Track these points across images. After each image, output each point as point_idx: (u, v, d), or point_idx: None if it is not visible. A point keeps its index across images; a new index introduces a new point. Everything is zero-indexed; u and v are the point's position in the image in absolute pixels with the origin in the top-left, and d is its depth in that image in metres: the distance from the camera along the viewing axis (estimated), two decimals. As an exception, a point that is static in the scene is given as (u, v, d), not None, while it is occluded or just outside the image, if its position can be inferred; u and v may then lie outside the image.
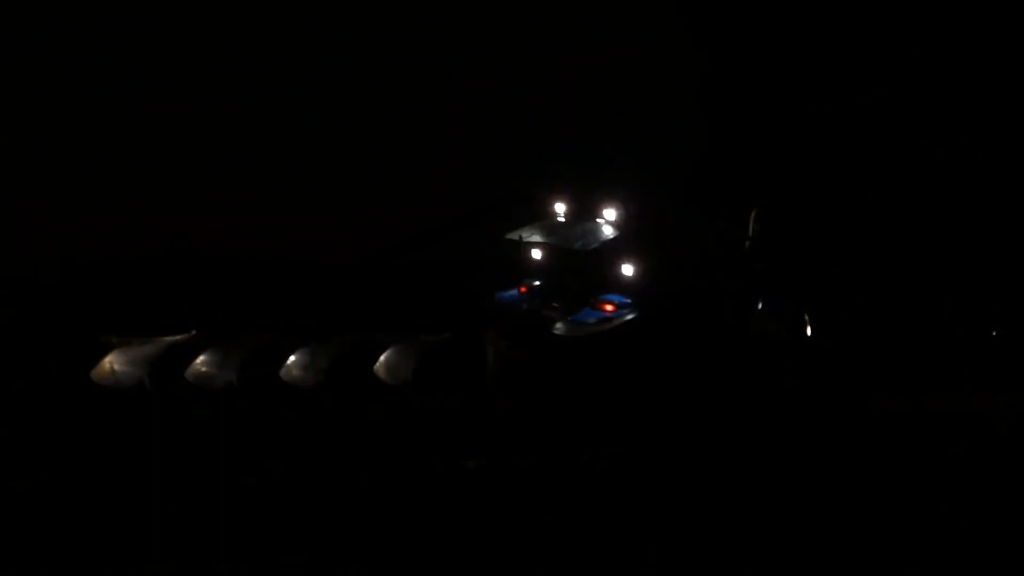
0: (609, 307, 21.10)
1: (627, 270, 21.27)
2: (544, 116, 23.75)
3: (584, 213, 22.37)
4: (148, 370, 19.47)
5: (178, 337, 19.81)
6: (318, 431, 19.82)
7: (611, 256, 21.69)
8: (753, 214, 22.29)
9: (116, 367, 19.06)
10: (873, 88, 22.77)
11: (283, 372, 19.22)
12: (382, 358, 19.52)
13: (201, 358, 19.19)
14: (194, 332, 19.99)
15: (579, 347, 20.81)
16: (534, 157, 23.40)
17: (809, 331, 23.57)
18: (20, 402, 19.40)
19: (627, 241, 21.53)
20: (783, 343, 23.04)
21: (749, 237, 22.24)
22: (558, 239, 21.81)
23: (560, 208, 22.67)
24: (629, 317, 20.90)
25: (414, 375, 19.99)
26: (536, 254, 22.76)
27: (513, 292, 22.81)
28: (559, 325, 21.01)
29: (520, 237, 22.06)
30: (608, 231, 21.85)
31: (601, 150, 22.98)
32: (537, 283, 22.64)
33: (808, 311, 23.32)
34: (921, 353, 23.98)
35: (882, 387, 23.30)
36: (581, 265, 21.96)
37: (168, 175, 23.79)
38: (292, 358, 19.28)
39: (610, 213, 22.06)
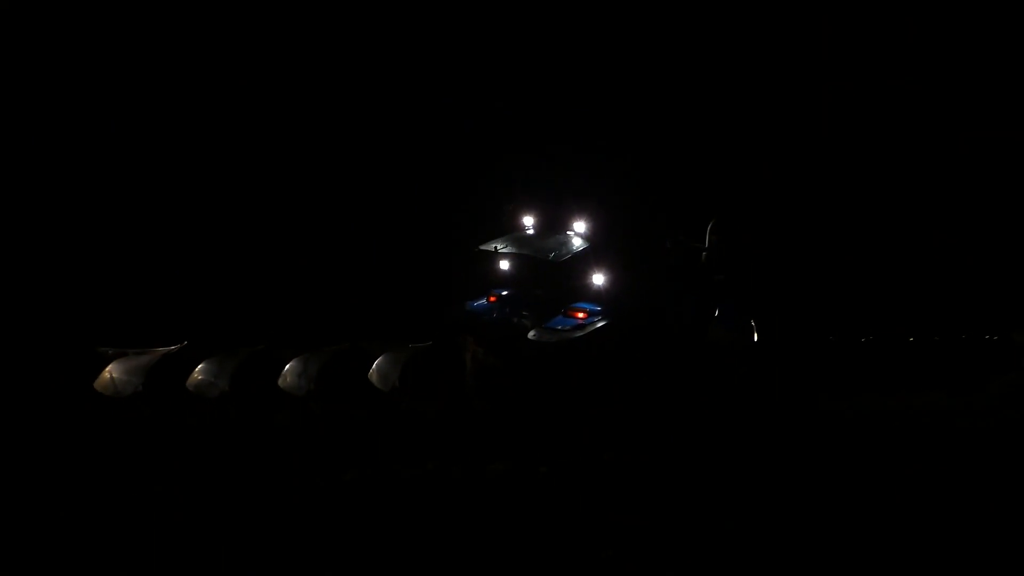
0: (581, 315, 22.13)
1: (597, 279, 22.34)
2: (507, 131, 24.80)
3: (553, 225, 23.41)
4: (143, 379, 20.05)
5: (171, 348, 20.43)
6: (308, 434, 20.52)
7: (579, 266, 22.75)
8: (710, 226, 23.44)
9: (115, 376, 19.65)
10: (823, 114, 24.36)
11: (280, 379, 19.94)
12: (375, 365, 20.33)
13: (199, 367, 19.86)
14: (185, 343, 20.64)
15: (552, 352, 21.81)
16: (501, 171, 24.44)
17: (756, 337, 24.84)
18: (22, 410, 19.90)
19: (596, 252, 22.58)
20: (735, 348, 24.28)
21: (706, 248, 23.40)
22: (532, 250, 22.74)
23: (528, 221, 23.73)
24: (600, 324, 21.93)
25: (401, 380, 20.81)
26: (503, 265, 23.74)
27: (482, 301, 23.77)
28: (534, 332, 21.96)
29: (496, 248, 22.95)
30: (578, 242, 22.86)
31: (565, 162, 24.02)
32: (505, 292, 23.62)
33: (755, 319, 24.59)
34: (860, 357, 25.59)
35: (823, 388, 24.87)
36: (549, 275, 22.94)
37: (161, 184, 24.55)
38: (288, 366, 20.02)
39: (579, 226, 23.12)
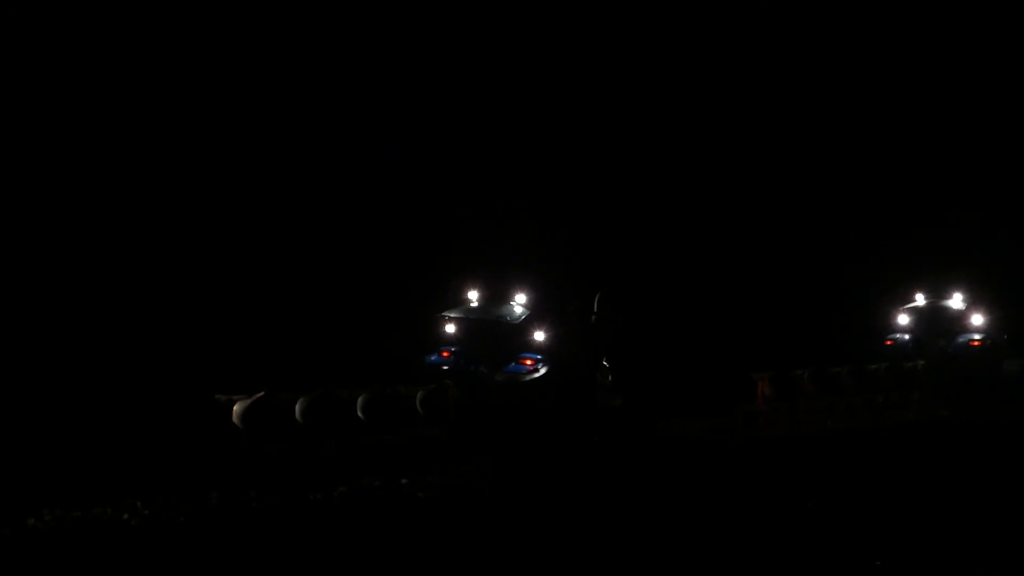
0: (529, 362, 30.86)
1: (538, 336, 31.19)
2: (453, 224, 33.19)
3: (494, 299, 32.03)
4: (243, 418, 27.03)
5: (259, 394, 27.48)
6: (355, 455, 27.78)
7: (521, 327, 31.49)
8: (598, 297, 32.70)
9: (237, 412, 26.60)
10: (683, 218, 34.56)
11: (357, 410, 27.44)
12: (418, 398, 28.30)
13: (298, 403, 27.10)
14: (264, 392, 27.71)
15: (511, 390, 30.40)
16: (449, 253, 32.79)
17: (610, 377, 34.25)
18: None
19: (535, 317, 31.43)
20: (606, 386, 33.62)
21: (595, 314, 32.63)
22: (494, 316, 31.28)
23: (473, 295, 32.21)
24: (544, 370, 30.75)
25: (424, 411, 28.78)
26: (450, 328, 32.06)
27: (435, 356, 31.96)
28: (499, 376, 30.52)
29: (467, 316, 31.31)
30: (520, 310, 31.59)
31: (502, 248, 32.71)
32: (454, 348, 31.93)
33: (611, 364, 33.97)
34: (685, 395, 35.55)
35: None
36: (496, 335, 31.54)
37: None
38: (359, 400, 27.57)
39: (520, 298, 31.87)
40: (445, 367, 31.12)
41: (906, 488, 27.79)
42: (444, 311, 31.83)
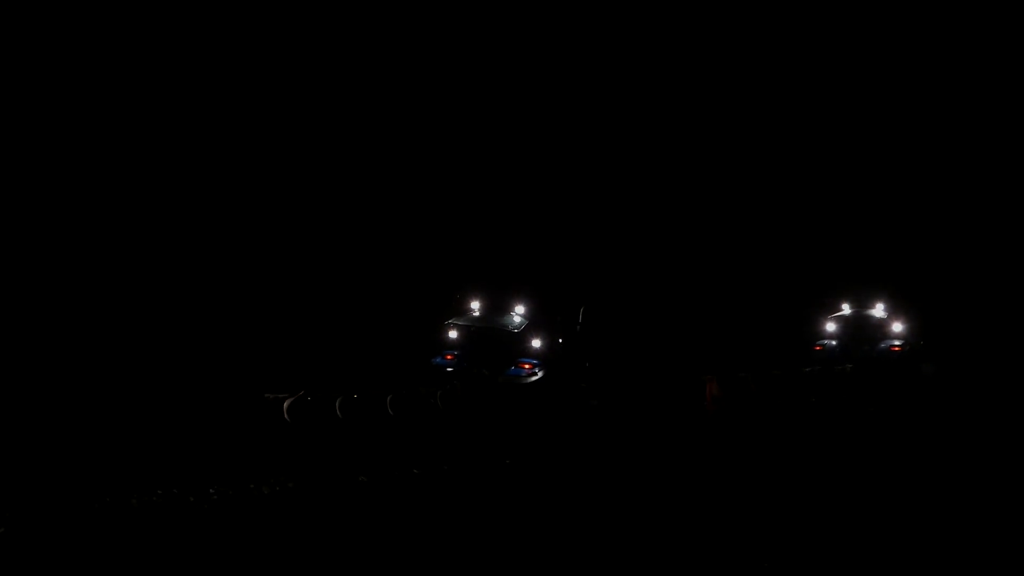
0: (527, 366, 34.98)
1: (535, 343, 35.35)
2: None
3: (493, 309, 36.08)
4: (288, 411, 30.81)
5: (300, 393, 31.26)
6: (382, 444, 31.47)
7: (520, 335, 35.59)
8: (582, 310, 37.03)
9: (286, 408, 30.40)
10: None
11: (388, 407, 31.31)
12: (439, 396, 32.23)
13: (337, 402, 30.90)
14: (304, 391, 31.48)
15: (513, 389, 34.48)
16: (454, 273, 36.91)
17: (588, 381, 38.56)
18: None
19: (533, 326, 35.59)
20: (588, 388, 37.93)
21: (579, 323, 36.94)
22: (498, 325, 35.32)
23: (475, 305, 36.21)
24: (540, 374, 34.88)
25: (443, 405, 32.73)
26: (453, 334, 36.02)
27: (440, 358, 35.89)
28: (501, 378, 34.54)
29: (472, 326, 35.31)
30: (518, 320, 35.69)
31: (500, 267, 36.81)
32: (457, 352, 35.87)
33: (591, 368, 38.28)
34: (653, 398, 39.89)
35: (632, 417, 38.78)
36: (495, 341, 35.59)
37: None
38: (388, 398, 31.46)
39: (519, 308, 35.96)
40: (449, 368, 35.04)
41: (840, 480, 32.00)
42: (449, 319, 35.85)
